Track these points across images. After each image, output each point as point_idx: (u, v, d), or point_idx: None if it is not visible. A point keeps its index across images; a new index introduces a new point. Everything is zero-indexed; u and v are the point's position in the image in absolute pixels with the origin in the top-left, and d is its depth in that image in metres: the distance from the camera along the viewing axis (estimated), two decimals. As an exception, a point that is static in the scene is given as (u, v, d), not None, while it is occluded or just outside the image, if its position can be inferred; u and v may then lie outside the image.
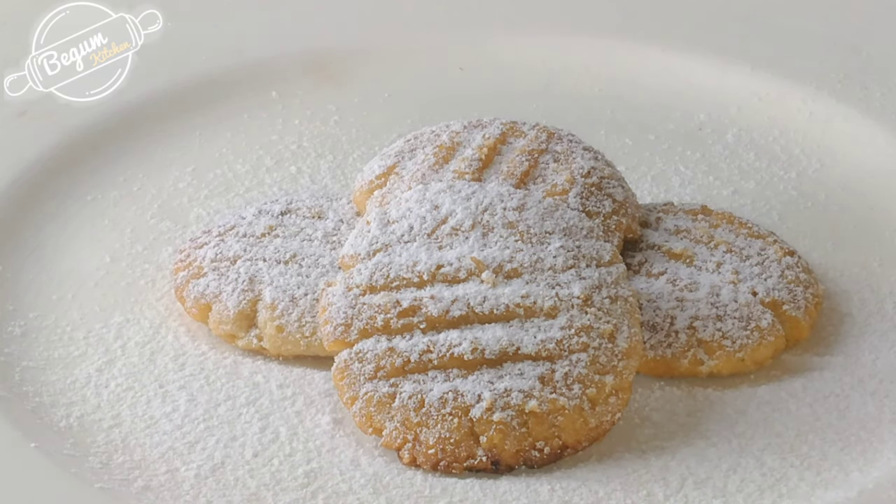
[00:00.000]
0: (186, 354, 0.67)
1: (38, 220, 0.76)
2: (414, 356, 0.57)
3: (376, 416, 0.58)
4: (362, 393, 0.58)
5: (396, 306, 0.58)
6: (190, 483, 0.60)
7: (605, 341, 0.58)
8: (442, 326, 0.57)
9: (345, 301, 0.59)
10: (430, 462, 0.57)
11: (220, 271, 0.68)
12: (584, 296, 0.58)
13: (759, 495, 0.59)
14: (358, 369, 0.58)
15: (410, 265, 0.58)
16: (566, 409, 0.58)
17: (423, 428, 0.57)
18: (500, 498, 0.59)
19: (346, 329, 0.58)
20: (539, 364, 0.58)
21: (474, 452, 0.58)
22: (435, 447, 0.57)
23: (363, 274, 0.59)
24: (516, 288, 0.58)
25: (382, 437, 0.58)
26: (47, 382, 0.66)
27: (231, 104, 0.87)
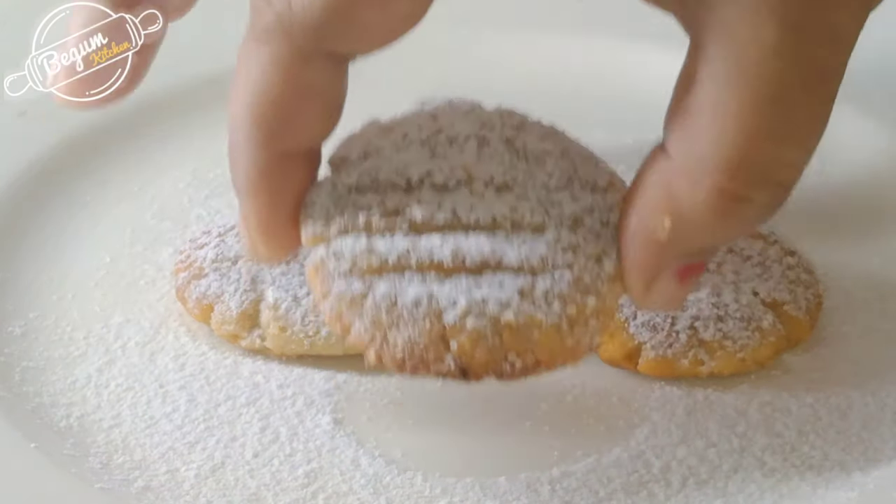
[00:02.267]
0: (187, 355, 0.67)
1: (38, 220, 0.77)
2: (392, 257, 0.54)
3: (346, 314, 0.55)
4: (335, 290, 0.55)
5: (380, 206, 0.55)
6: (190, 483, 0.60)
7: (592, 262, 0.55)
8: (425, 230, 0.55)
9: (328, 199, 0.56)
10: (396, 363, 0.54)
11: (222, 272, 0.68)
12: (575, 216, 0.55)
13: (760, 495, 0.59)
14: (333, 266, 0.55)
15: (401, 169, 0.56)
16: (543, 325, 0.55)
17: (392, 328, 0.54)
18: (501, 498, 0.59)
19: (326, 225, 0.55)
20: (520, 276, 0.55)
21: (443, 357, 0.54)
22: (402, 348, 0.54)
23: (352, 175, 0.56)
24: (506, 200, 0.55)
25: (350, 335, 0.55)
26: (47, 382, 0.66)
27: (231, 104, 0.87)
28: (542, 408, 0.65)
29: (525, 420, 0.64)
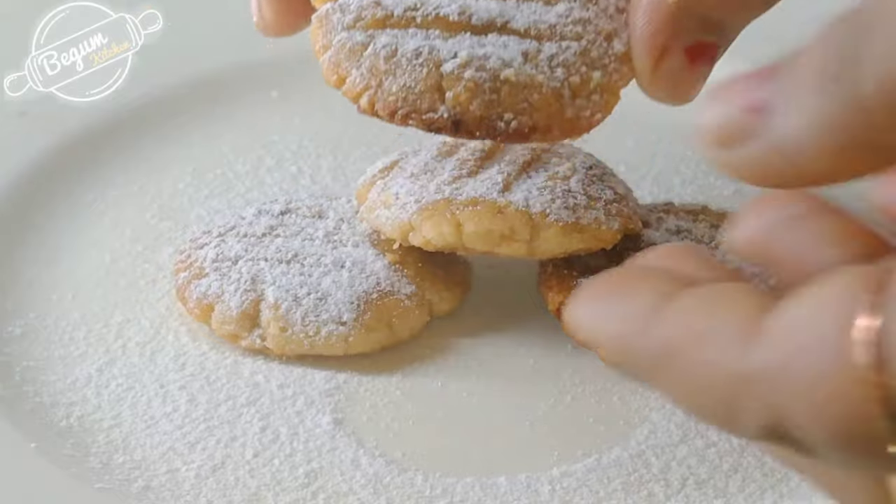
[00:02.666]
0: (187, 354, 0.67)
1: (38, 220, 0.76)
2: (398, 11, 0.53)
3: (344, 63, 0.54)
4: (335, 41, 0.54)
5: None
6: (190, 483, 0.60)
7: (602, 39, 0.54)
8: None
9: None
10: (388, 109, 0.53)
11: (222, 271, 0.68)
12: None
13: (761, 495, 0.59)
14: (338, 19, 0.54)
15: None
16: (544, 88, 0.53)
17: (389, 76, 0.53)
18: (501, 498, 0.59)
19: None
20: (526, 41, 0.54)
21: (437, 107, 0.53)
22: (396, 94, 0.53)
23: None
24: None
25: (345, 84, 0.54)
26: (47, 382, 0.66)
27: (231, 104, 0.87)
28: (541, 408, 0.64)
29: (525, 420, 0.64)
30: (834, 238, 0.40)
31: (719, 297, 0.39)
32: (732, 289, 0.39)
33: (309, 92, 0.88)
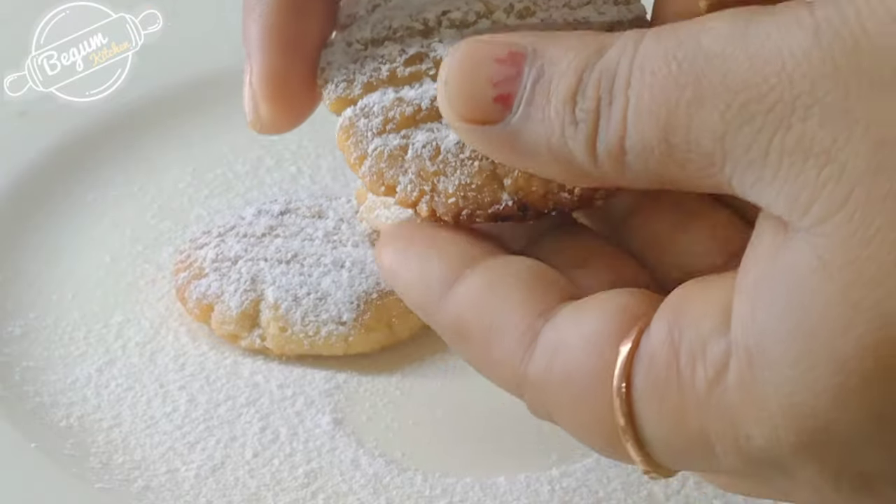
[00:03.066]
0: (187, 355, 0.67)
1: (38, 220, 0.76)
2: (425, 103, 0.51)
3: (388, 172, 0.51)
4: (371, 149, 0.51)
5: (402, 54, 0.51)
6: (190, 483, 0.60)
7: None
8: None
9: (345, 57, 0.53)
10: (452, 212, 0.50)
11: (222, 272, 0.68)
12: (605, 29, 0.51)
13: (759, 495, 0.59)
14: (365, 125, 0.52)
15: (415, 13, 0.52)
16: None
17: (440, 177, 0.50)
18: (500, 498, 0.59)
19: (349, 85, 0.52)
20: None
21: (499, 197, 0.50)
22: (455, 195, 0.50)
23: (364, 29, 0.53)
24: (532, 27, 0.51)
25: (396, 194, 0.51)
26: (47, 382, 0.66)
27: (231, 104, 0.87)
28: (541, 408, 0.64)
29: (525, 420, 0.64)
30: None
31: (508, 283, 0.43)
32: (520, 272, 0.43)
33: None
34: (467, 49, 0.42)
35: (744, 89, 0.35)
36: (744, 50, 0.36)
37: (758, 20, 0.37)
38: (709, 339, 0.38)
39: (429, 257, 0.46)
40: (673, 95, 0.36)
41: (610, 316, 0.40)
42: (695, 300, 0.40)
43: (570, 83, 0.39)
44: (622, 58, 0.38)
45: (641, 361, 0.39)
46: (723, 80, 0.36)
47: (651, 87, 0.37)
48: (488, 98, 0.41)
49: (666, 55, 0.37)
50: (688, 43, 0.37)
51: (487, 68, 0.41)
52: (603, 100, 0.38)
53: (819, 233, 0.36)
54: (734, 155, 0.36)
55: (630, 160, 0.38)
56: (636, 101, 0.37)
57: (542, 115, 0.40)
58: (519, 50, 0.41)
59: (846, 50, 0.35)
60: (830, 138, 0.35)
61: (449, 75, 0.42)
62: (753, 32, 0.36)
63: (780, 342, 0.36)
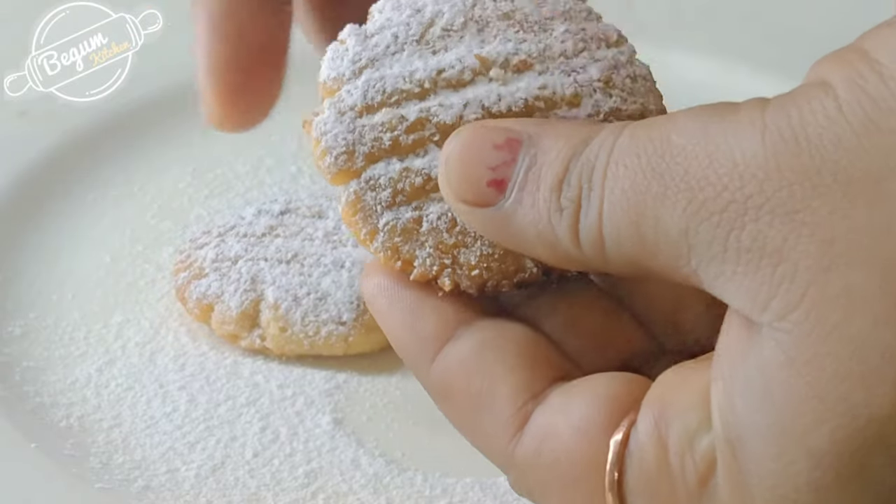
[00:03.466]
0: (187, 355, 0.67)
1: (38, 220, 0.76)
2: (434, 172, 0.49)
3: (404, 247, 0.49)
4: (382, 224, 0.50)
5: (402, 121, 0.50)
6: (190, 483, 0.60)
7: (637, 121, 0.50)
8: None
9: (341, 126, 0.51)
10: (477, 284, 0.49)
11: (222, 272, 0.68)
12: (605, 77, 0.51)
13: (760, 495, 0.59)
14: (373, 199, 0.50)
15: (407, 75, 0.50)
16: None
17: (460, 249, 0.49)
18: (501, 498, 0.59)
19: (350, 156, 0.50)
20: None
21: (523, 265, 0.49)
22: (478, 266, 0.49)
23: (354, 94, 0.51)
24: (531, 80, 0.50)
25: (414, 269, 0.49)
26: (47, 382, 0.66)
27: (231, 104, 0.87)
28: (541, 408, 0.64)
29: (525, 420, 0.64)
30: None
31: (500, 355, 0.44)
32: (512, 345, 0.44)
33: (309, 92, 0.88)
34: (469, 134, 0.44)
35: (702, 187, 0.37)
36: (704, 148, 0.38)
37: (720, 118, 0.38)
38: (695, 434, 0.39)
39: (422, 310, 0.46)
40: (641, 189, 0.38)
41: (599, 405, 0.42)
42: (678, 391, 0.41)
43: (557, 171, 0.41)
44: (601, 150, 0.40)
45: (632, 456, 0.40)
46: (684, 176, 0.38)
47: (623, 179, 0.39)
48: (483, 182, 0.43)
49: (637, 149, 0.39)
50: (657, 139, 0.39)
51: (485, 153, 0.43)
52: (584, 189, 0.40)
53: (781, 328, 0.37)
54: (697, 250, 0.38)
55: (608, 248, 0.40)
56: (610, 192, 0.39)
57: (532, 201, 0.42)
58: (516, 137, 0.43)
59: (788, 152, 0.36)
60: (781, 238, 0.36)
61: (450, 156, 0.44)
62: (713, 131, 0.38)
63: (760, 437, 0.37)
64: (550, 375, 0.44)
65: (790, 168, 0.36)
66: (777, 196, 0.36)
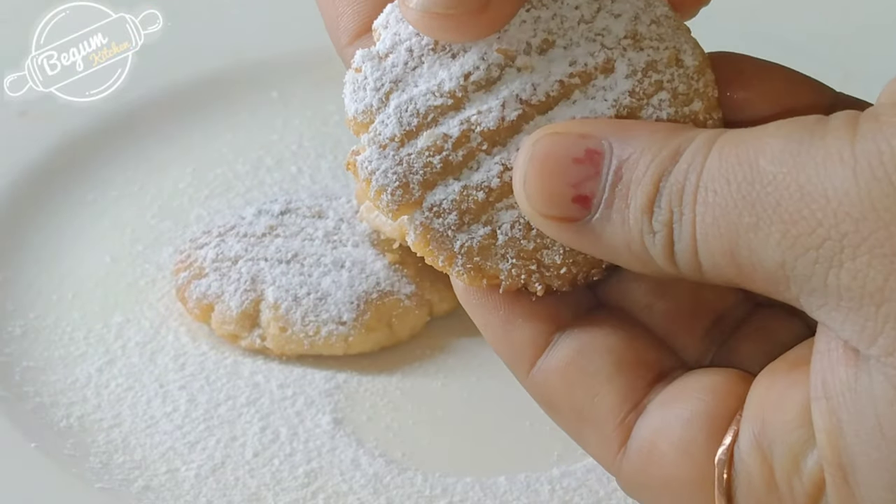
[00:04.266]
0: (187, 354, 0.67)
1: (38, 220, 0.76)
2: (494, 182, 0.47)
3: (486, 264, 0.48)
4: (458, 248, 0.48)
5: (447, 140, 0.48)
6: (190, 483, 0.60)
7: (675, 69, 0.49)
8: (504, 137, 0.48)
9: (386, 161, 0.48)
10: (567, 281, 0.48)
11: (222, 271, 0.68)
12: (630, 32, 0.49)
13: (760, 495, 0.59)
14: (441, 225, 0.48)
15: (435, 89, 0.48)
16: None
17: (542, 251, 0.48)
18: (501, 498, 0.59)
19: (406, 189, 0.48)
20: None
21: None
22: (565, 264, 0.47)
23: (390, 124, 0.48)
24: (558, 59, 0.48)
25: (501, 282, 0.48)
26: (47, 382, 0.66)
27: (231, 104, 0.87)
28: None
29: (525, 420, 0.64)
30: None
31: (597, 364, 0.44)
32: (608, 350, 0.44)
33: (309, 92, 0.88)
34: (544, 147, 0.43)
35: (795, 221, 0.37)
36: (794, 179, 0.37)
37: (808, 144, 0.37)
38: (799, 454, 0.40)
39: (515, 320, 0.46)
40: (733, 218, 0.38)
41: (699, 425, 0.42)
42: (777, 409, 0.40)
43: (647, 192, 0.40)
44: (691, 170, 0.39)
45: (739, 476, 0.41)
46: (776, 208, 0.37)
47: (713, 206, 0.38)
48: (567, 198, 0.42)
49: (727, 173, 0.38)
50: (746, 163, 0.38)
51: (566, 169, 0.42)
52: (675, 213, 0.39)
53: (890, 364, 0.37)
54: (796, 281, 0.37)
55: (705, 270, 0.40)
56: (702, 220, 0.39)
57: (622, 220, 0.41)
58: (596, 147, 0.42)
59: (882, 192, 0.36)
60: (882, 278, 0.36)
61: (527, 174, 0.43)
62: (803, 160, 0.37)
63: (873, 467, 0.38)
64: (648, 378, 0.44)
65: (885, 209, 0.36)
66: (874, 237, 0.36)
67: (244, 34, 0.92)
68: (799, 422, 0.40)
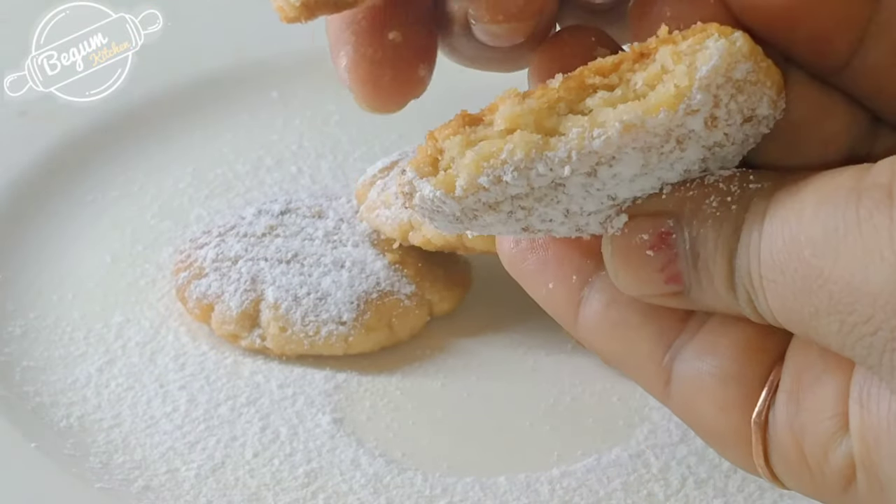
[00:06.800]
0: (187, 354, 0.67)
1: (38, 220, 0.76)
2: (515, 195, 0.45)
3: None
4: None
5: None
6: (190, 483, 0.60)
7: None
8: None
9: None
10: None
11: (222, 271, 0.68)
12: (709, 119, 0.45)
13: (760, 495, 0.59)
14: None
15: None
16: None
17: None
18: (501, 498, 0.59)
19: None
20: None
21: None
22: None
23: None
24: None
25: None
26: (47, 382, 0.66)
27: (231, 104, 0.87)
28: (541, 408, 0.64)
29: (525, 420, 0.64)
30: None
31: (627, 314, 0.46)
32: (632, 305, 0.46)
33: (309, 92, 0.88)
34: (619, 242, 0.45)
35: (850, 312, 0.40)
36: (840, 275, 0.40)
37: (845, 235, 0.40)
38: (829, 444, 0.42)
39: (549, 271, 0.48)
40: (795, 308, 0.41)
41: (734, 385, 0.44)
42: (808, 392, 0.43)
43: (724, 273, 0.43)
44: (752, 257, 0.42)
45: (775, 446, 0.44)
46: (829, 300, 0.40)
47: (776, 297, 0.41)
48: (661, 282, 0.44)
49: (781, 266, 0.41)
50: (795, 256, 0.41)
51: (647, 260, 0.44)
52: (751, 294, 0.42)
53: None
54: (858, 359, 0.41)
55: (788, 328, 0.43)
56: (772, 303, 0.42)
57: (714, 292, 0.44)
58: (663, 228, 0.44)
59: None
60: None
61: (617, 271, 0.45)
62: (845, 257, 0.40)
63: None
64: (676, 317, 0.46)
65: None
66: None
67: (244, 34, 0.92)
68: (831, 412, 0.42)
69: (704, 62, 0.42)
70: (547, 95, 0.43)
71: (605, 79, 0.44)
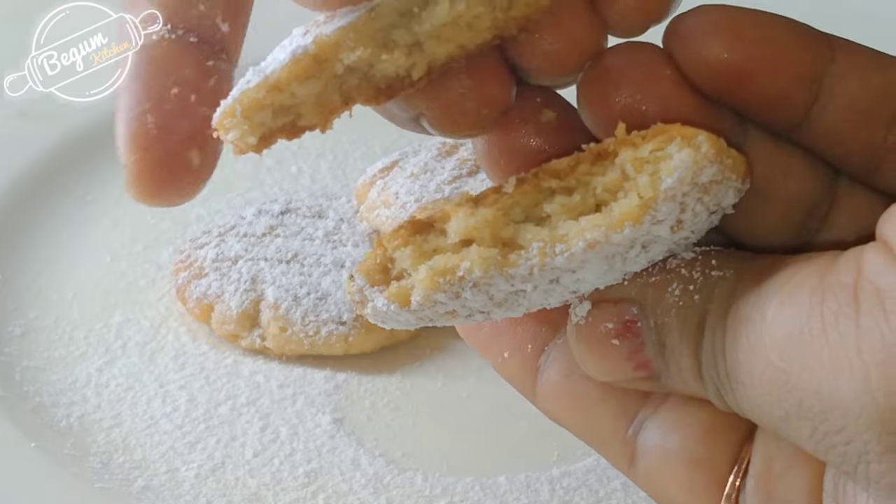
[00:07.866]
0: (187, 354, 0.67)
1: (38, 220, 0.76)
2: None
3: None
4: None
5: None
6: (190, 483, 0.60)
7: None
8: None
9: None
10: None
11: (222, 271, 0.68)
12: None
13: (760, 495, 0.59)
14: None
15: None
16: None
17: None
18: (501, 498, 0.59)
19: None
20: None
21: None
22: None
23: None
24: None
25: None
26: (47, 382, 0.66)
27: (231, 104, 0.87)
28: (542, 408, 0.65)
29: (525, 420, 0.64)
30: None
31: (586, 386, 0.45)
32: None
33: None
34: (585, 336, 0.44)
35: (822, 421, 0.38)
36: (808, 383, 0.38)
37: (810, 340, 0.38)
38: None
39: (499, 347, 0.48)
40: (766, 410, 0.39)
41: (703, 470, 0.44)
42: (779, 482, 0.42)
43: (692, 366, 0.42)
44: (717, 353, 0.40)
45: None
46: (800, 406, 0.38)
47: (746, 397, 0.40)
48: (629, 369, 0.43)
49: (748, 367, 0.39)
50: (761, 357, 0.39)
51: (614, 350, 0.43)
52: (720, 388, 0.41)
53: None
54: (832, 465, 0.40)
55: (760, 424, 0.42)
56: (742, 402, 0.40)
57: (682, 381, 0.43)
58: (628, 316, 0.43)
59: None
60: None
61: (585, 361, 0.44)
62: (812, 363, 0.38)
63: None
64: (637, 392, 0.45)
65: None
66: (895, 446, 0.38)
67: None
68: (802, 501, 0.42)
69: (669, 173, 0.40)
70: (501, 202, 0.42)
71: (561, 181, 0.42)
